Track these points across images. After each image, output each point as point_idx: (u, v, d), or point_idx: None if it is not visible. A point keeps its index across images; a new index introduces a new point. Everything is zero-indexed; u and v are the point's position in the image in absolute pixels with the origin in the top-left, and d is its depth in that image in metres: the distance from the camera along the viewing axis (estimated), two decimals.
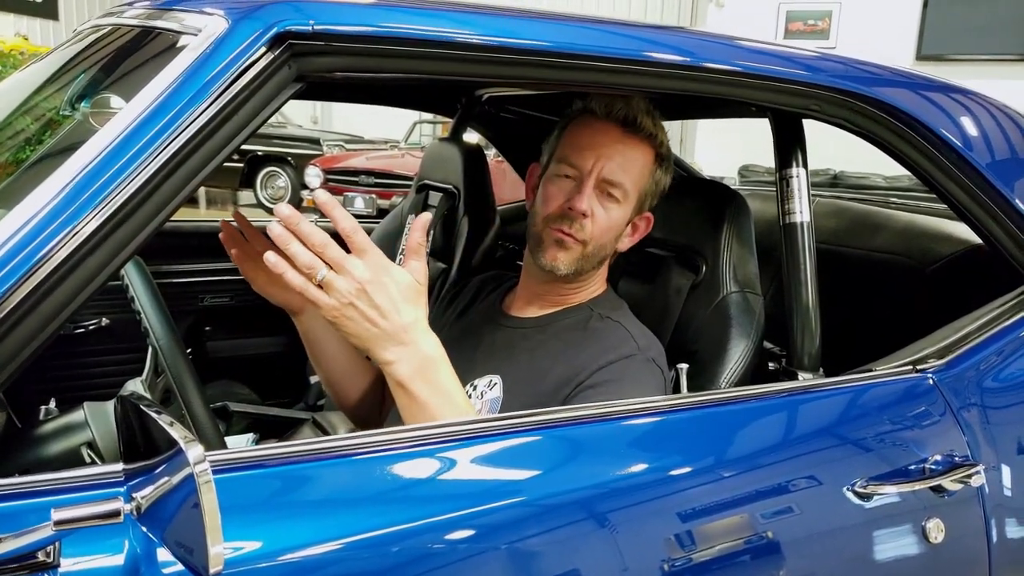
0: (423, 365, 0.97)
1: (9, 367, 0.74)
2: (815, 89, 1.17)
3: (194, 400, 1.07)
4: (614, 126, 1.19)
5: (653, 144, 1.21)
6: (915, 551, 1.12)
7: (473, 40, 0.95)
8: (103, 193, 0.77)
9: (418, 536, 0.84)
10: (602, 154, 1.18)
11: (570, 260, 1.19)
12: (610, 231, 1.20)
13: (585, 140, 1.20)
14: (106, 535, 0.72)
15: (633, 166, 1.19)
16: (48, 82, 1.24)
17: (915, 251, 1.72)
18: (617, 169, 1.18)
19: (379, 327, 0.93)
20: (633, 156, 1.19)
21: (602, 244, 1.20)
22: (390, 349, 0.94)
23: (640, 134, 1.19)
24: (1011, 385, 1.27)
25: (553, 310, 1.26)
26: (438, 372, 0.98)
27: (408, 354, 0.95)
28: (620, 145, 1.18)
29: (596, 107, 1.20)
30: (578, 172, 1.19)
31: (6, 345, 0.73)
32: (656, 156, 1.22)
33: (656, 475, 1.00)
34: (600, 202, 1.18)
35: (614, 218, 1.19)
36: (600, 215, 1.18)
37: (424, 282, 0.97)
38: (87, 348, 1.93)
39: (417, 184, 2.20)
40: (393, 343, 0.94)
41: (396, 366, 0.95)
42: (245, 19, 0.85)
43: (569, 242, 1.18)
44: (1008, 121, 1.39)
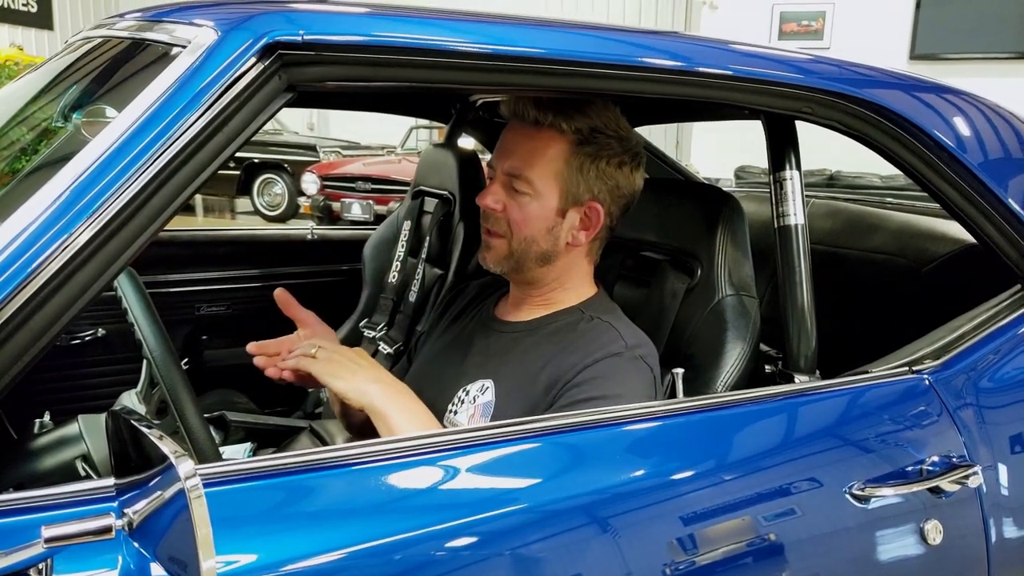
0: (397, 395, 1.12)
1: (3, 380, 0.74)
2: (807, 92, 1.17)
3: (188, 412, 1.07)
4: (517, 124, 1.22)
5: (560, 131, 1.19)
6: (914, 552, 1.12)
7: (465, 48, 0.95)
8: (96, 204, 0.77)
9: (417, 546, 0.84)
10: (505, 151, 1.22)
11: (496, 258, 1.23)
12: (529, 223, 1.20)
13: (499, 142, 1.25)
14: (98, 551, 0.72)
15: (537, 157, 1.19)
16: (40, 94, 1.24)
17: (910, 251, 1.72)
18: (519, 163, 1.20)
19: (360, 365, 1.13)
20: (535, 148, 1.19)
21: (528, 237, 1.20)
22: (368, 380, 1.11)
23: (544, 127, 1.19)
24: (1007, 385, 1.27)
25: (543, 313, 1.26)
26: (411, 400, 1.13)
27: (381, 384, 1.12)
28: (521, 138, 1.21)
29: (505, 110, 1.25)
30: (493, 171, 1.24)
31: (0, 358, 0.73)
32: (570, 144, 1.20)
33: (655, 480, 1.00)
34: (511, 196, 1.20)
35: (530, 211, 1.19)
36: (513, 209, 1.20)
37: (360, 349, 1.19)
38: (82, 359, 1.92)
39: (413, 190, 2.20)
40: (372, 377, 1.12)
41: (373, 396, 1.10)
42: (235, 30, 0.85)
43: (491, 241, 1.23)
44: (1000, 120, 1.39)
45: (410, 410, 1.11)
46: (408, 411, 1.11)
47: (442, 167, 2.08)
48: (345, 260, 2.38)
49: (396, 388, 1.14)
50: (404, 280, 2.06)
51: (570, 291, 1.26)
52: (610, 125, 1.22)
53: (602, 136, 1.21)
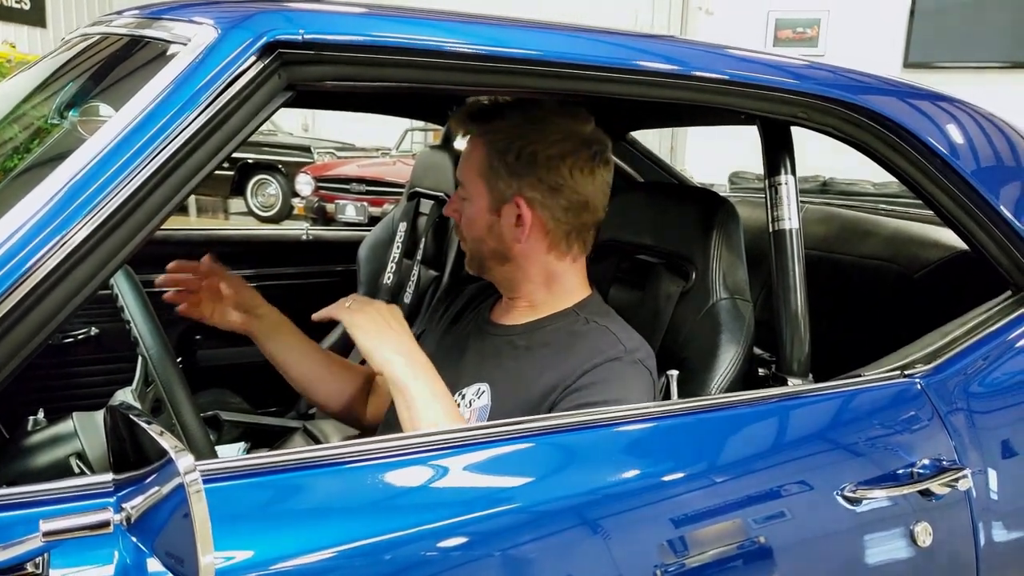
0: (420, 369, 1.11)
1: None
2: (803, 97, 1.18)
3: (184, 409, 1.07)
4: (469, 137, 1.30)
5: (479, 134, 1.26)
6: (904, 555, 1.13)
7: (463, 49, 0.96)
8: (93, 202, 0.77)
9: (410, 544, 0.85)
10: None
11: (467, 262, 1.32)
12: (471, 225, 1.26)
13: None
14: (96, 546, 0.72)
15: (466, 162, 1.27)
16: (36, 91, 1.24)
17: (903, 257, 1.73)
18: (459, 170, 1.29)
19: (391, 327, 1.13)
20: (467, 154, 1.27)
21: (475, 237, 1.26)
22: (395, 350, 1.11)
23: (472, 134, 1.28)
24: (997, 390, 1.28)
25: (537, 316, 1.26)
26: (432, 379, 1.11)
27: (407, 357, 1.11)
28: (465, 149, 1.29)
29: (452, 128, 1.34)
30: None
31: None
32: (487, 145, 1.23)
33: (647, 481, 1.00)
34: (458, 202, 1.28)
35: (468, 214, 1.26)
36: (460, 213, 1.28)
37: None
38: (76, 358, 1.92)
39: (408, 192, 2.20)
40: (397, 344, 1.12)
41: (396, 366, 1.10)
42: (235, 28, 0.86)
43: (462, 245, 1.31)
44: (993, 129, 1.40)
45: (432, 391, 1.10)
46: (430, 392, 1.10)
47: (438, 169, 2.08)
48: (340, 261, 2.38)
49: (421, 362, 1.13)
50: (399, 282, 2.06)
51: (560, 294, 1.26)
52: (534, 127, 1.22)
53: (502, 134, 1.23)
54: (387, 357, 1.10)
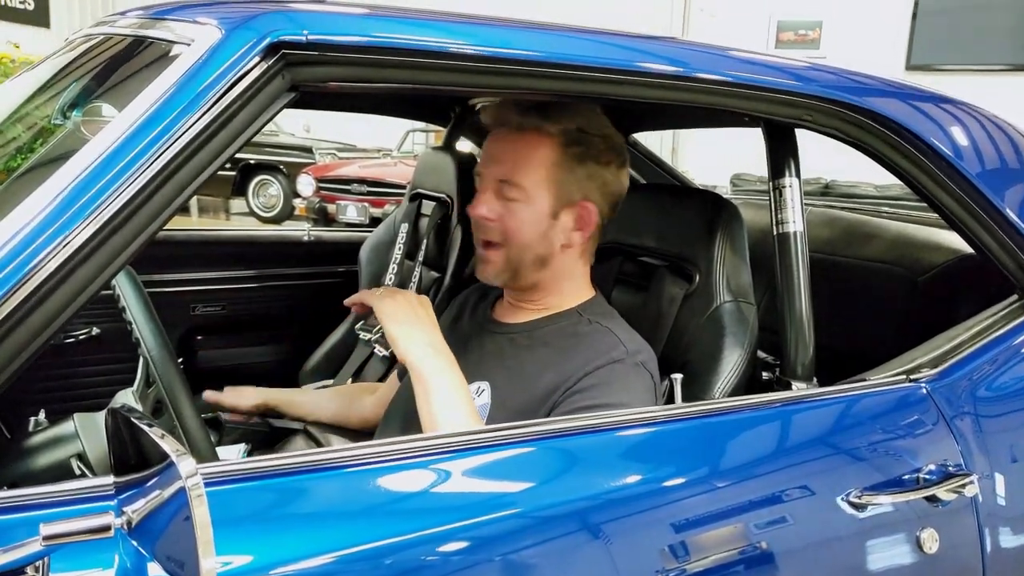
0: (445, 362, 1.11)
1: (1, 378, 0.73)
2: (807, 99, 1.18)
3: (186, 411, 1.06)
4: (503, 131, 1.22)
5: (546, 134, 1.19)
6: (910, 561, 1.12)
7: (467, 50, 0.95)
8: (95, 203, 0.77)
9: (412, 548, 0.84)
10: (493, 158, 1.21)
11: (495, 271, 1.22)
12: (523, 229, 1.19)
13: (483, 150, 1.25)
14: (96, 549, 0.71)
15: (525, 161, 1.19)
16: (40, 91, 1.23)
17: (907, 260, 1.73)
18: (508, 169, 1.19)
19: (419, 317, 1.13)
20: (523, 152, 1.19)
21: (524, 243, 1.20)
22: (421, 340, 1.11)
23: (529, 130, 1.19)
24: (1004, 394, 1.27)
25: (541, 315, 1.26)
26: (455, 375, 1.11)
27: (433, 349, 1.11)
28: (506, 145, 1.21)
29: (486, 119, 1.24)
30: (481, 181, 1.23)
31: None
32: (557, 145, 1.20)
33: (650, 486, 0.99)
34: (502, 203, 1.19)
35: (522, 216, 1.19)
36: (506, 216, 1.19)
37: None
38: (77, 358, 1.92)
39: (410, 193, 2.20)
40: (424, 334, 1.12)
41: (423, 359, 1.10)
42: (239, 29, 0.85)
43: (487, 254, 1.22)
44: (997, 131, 1.40)
45: (454, 387, 1.10)
46: (451, 387, 1.09)
47: (440, 170, 2.08)
48: (341, 262, 2.37)
49: (446, 356, 1.13)
50: (401, 283, 2.06)
51: (567, 294, 1.26)
52: (594, 124, 1.23)
53: (588, 135, 1.21)
54: (413, 347, 1.10)
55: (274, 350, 2.26)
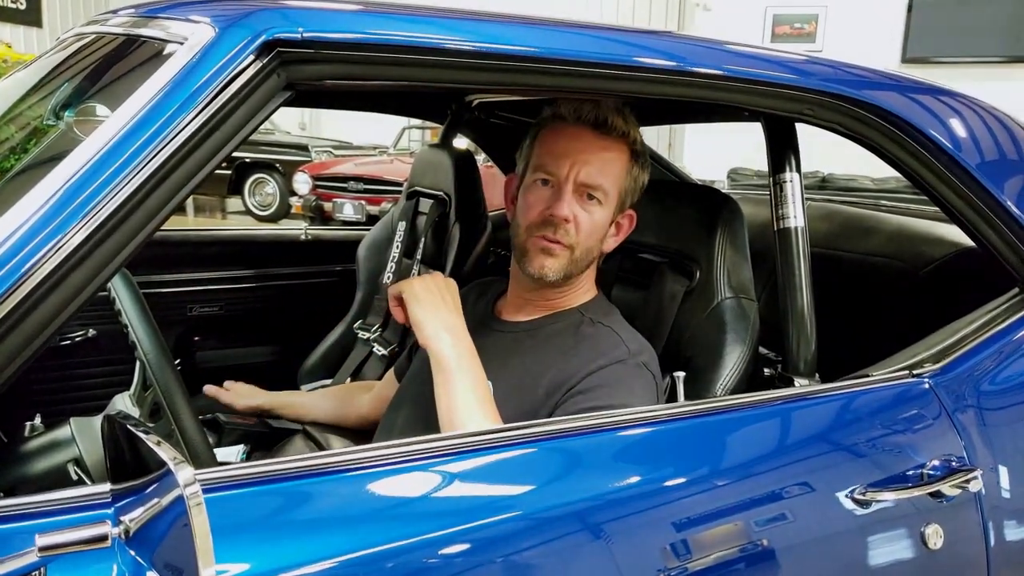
0: (464, 352, 1.10)
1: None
2: (807, 93, 1.17)
3: (183, 414, 1.05)
4: (586, 129, 1.19)
5: (627, 142, 1.21)
6: (914, 557, 1.12)
7: (463, 47, 0.95)
8: (90, 204, 0.76)
9: (413, 552, 0.83)
10: (578, 159, 1.18)
11: (559, 267, 1.19)
12: (594, 234, 1.20)
13: (560, 146, 1.20)
14: (93, 559, 0.70)
15: (610, 167, 1.19)
16: (31, 91, 1.22)
17: (907, 254, 1.72)
18: (595, 172, 1.18)
19: (445, 301, 1.13)
20: (608, 157, 1.19)
21: (589, 247, 1.21)
22: (445, 326, 1.10)
23: (613, 134, 1.19)
24: (1007, 388, 1.27)
25: (544, 314, 1.25)
26: (475, 365, 1.10)
27: (454, 337, 1.10)
28: (594, 148, 1.19)
29: (566, 112, 1.21)
30: (556, 179, 1.19)
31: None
32: (631, 154, 1.22)
33: (653, 485, 0.99)
34: (581, 206, 1.18)
35: (597, 220, 1.19)
36: (583, 219, 1.18)
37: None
38: (73, 360, 1.90)
39: (408, 191, 2.19)
40: (448, 321, 1.11)
41: (442, 343, 1.09)
42: (233, 27, 0.84)
43: (555, 248, 1.18)
44: (996, 123, 1.39)
45: (473, 378, 1.09)
46: (471, 378, 1.09)
47: (438, 168, 2.07)
48: (339, 261, 2.36)
49: (467, 345, 1.12)
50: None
51: (575, 293, 1.26)
52: (639, 132, 1.24)
53: (642, 144, 1.24)
54: (436, 333, 1.09)
55: (272, 350, 2.25)
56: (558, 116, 1.21)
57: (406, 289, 1.14)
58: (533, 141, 1.25)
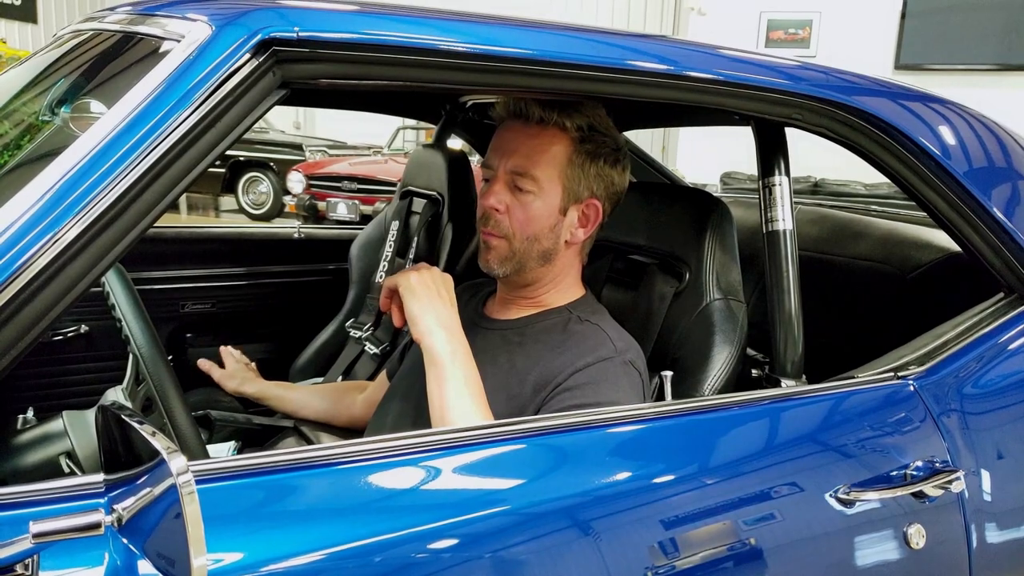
0: (458, 349, 1.10)
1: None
2: (797, 98, 1.18)
3: (176, 409, 1.06)
4: (518, 122, 1.22)
5: (563, 130, 1.20)
6: (897, 556, 1.13)
7: (457, 48, 0.95)
8: (85, 199, 0.76)
9: (401, 546, 0.84)
10: (506, 149, 1.21)
11: (499, 259, 1.21)
12: (532, 222, 1.20)
13: (495, 142, 1.24)
14: (86, 547, 0.71)
15: (540, 155, 1.19)
16: (28, 87, 1.23)
17: (896, 258, 1.74)
18: (523, 160, 1.19)
19: (441, 296, 1.12)
20: (538, 145, 1.20)
21: (530, 236, 1.20)
22: (440, 322, 1.10)
23: (544, 124, 1.20)
24: (990, 391, 1.28)
25: (531, 312, 1.26)
26: (469, 362, 1.10)
27: (449, 333, 1.10)
28: (523, 137, 1.21)
29: (499, 110, 1.24)
30: (492, 172, 1.22)
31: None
32: (572, 141, 1.21)
33: (640, 483, 1.00)
34: (514, 196, 1.20)
35: (534, 209, 1.20)
36: (516, 208, 1.20)
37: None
38: (65, 355, 1.91)
39: (401, 190, 2.19)
40: (443, 316, 1.11)
41: (437, 339, 1.09)
42: (229, 25, 0.85)
43: (492, 242, 1.21)
44: (985, 130, 1.41)
45: (466, 375, 1.09)
46: (464, 375, 1.08)
47: (431, 168, 2.08)
48: (332, 259, 2.37)
49: (462, 342, 1.12)
50: None
51: (561, 291, 1.27)
52: (602, 123, 1.24)
53: (598, 134, 1.23)
54: (431, 328, 1.09)
55: (264, 347, 2.26)
56: (499, 116, 1.26)
57: (402, 282, 1.13)
58: None
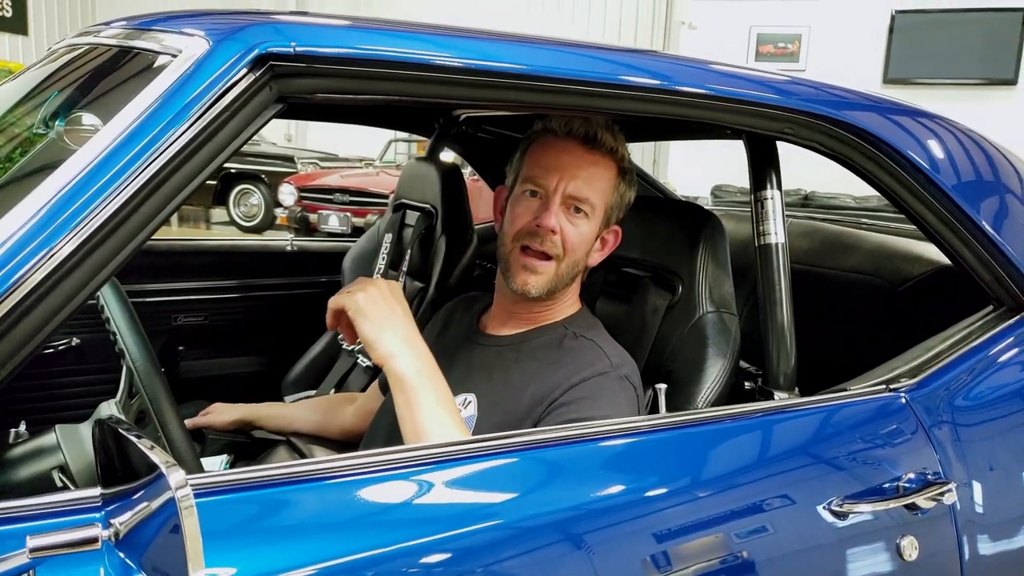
0: (424, 365, 1.05)
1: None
2: (788, 113, 1.19)
3: (171, 422, 1.06)
4: (575, 143, 1.22)
5: (615, 158, 1.23)
6: (890, 569, 1.13)
7: (452, 63, 0.96)
8: (80, 215, 0.77)
9: (394, 560, 0.84)
10: (566, 172, 1.20)
11: (543, 282, 1.21)
12: (581, 247, 1.22)
13: (549, 159, 1.22)
14: (82, 562, 0.71)
15: (597, 181, 1.21)
16: (22, 101, 1.22)
17: (886, 271, 1.75)
18: (582, 185, 1.20)
19: (395, 314, 1.06)
20: (596, 172, 1.21)
21: (575, 261, 1.22)
22: (400, 340, 1.05)
23: (601, 149, 1.22)
24: (981, 403, 1.29)
25: (527, 328, 1.27)
26: (436, 376, 1.06)
27: (412, 352, 1.05)
28: (583, 162, 1.21)
29: (556, 126, 1.23)
30: (544, 190, 1.21)
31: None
32: (619, 170, 1.24)
33: (633, 496, 1.00)
34: (568, 218, 1.20)
35: (583, 233, 1.21)
36: (569, 231, 1.20)
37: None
38: (57, 368, 1.90)
39: (394, 203, 2.20)
40: (402, 333, 1.05)
41: (401, 360, 1.04)
42: (226, 40, 0.85)
43: (539, 264, 1.20)
44: (973, 145, 1.42)
45: (436, 394, 1.04)
46: (435, 393, 1.04)
47: (424, 180, 2.08)
48: (324, 272, 2.37)
49: (426, 355, 1.07)
50: None
51: (559, 308, 1.27)
52: (627, 150, 1.26)
53: (629, 162, 1.26)
54: (391, 350, 1.03)
55: (256, 360, 2.25)
56: (549, 130, 1.24)
57: (348, 304, 1.05)
58: (523, 154, 1.27)
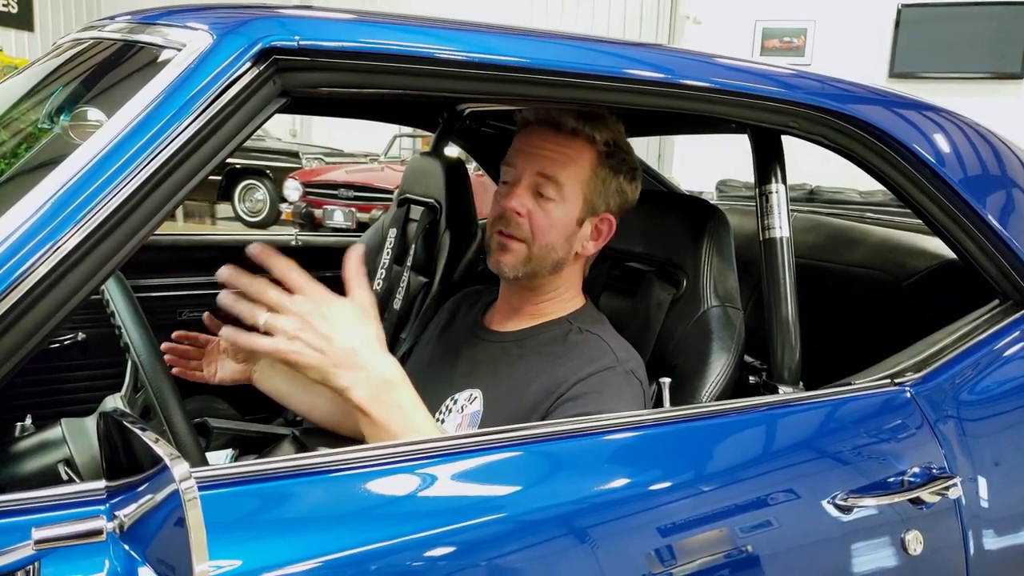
0: (380, 387, 0.96)
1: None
2: (792, 106, 1.19)
3: (176, 416, 1.06)
4: (546, 128, 1.22)
5: (591, 143, 1.21)
6: (895, 563, 1.13)
7: (455, 56, 0.96)
8: (85, 208, 0.77)
9: (399, 553, 0.84)
10: (534, 153, 1.21)
11: (515, 262, 1.20)
12: (552, 230, 1.20)
13: (519, 144, 1.24)
14: (87, 554, 0.71)
15: (568, 163, 1.20)
16: (27, 96, 1.23)
17: (891, 265, 1.75)
18: (549, 165, 1.19)
19: (327, 354, 0.92)
20: (567, 154, 1.20)
21: (548, 244, 1.20)
22: (344, 375, 0.94)
23: (574, 134, 1.21)
24: (986, 398, 1.29)
25: (532, 323, 1.26)
26: (395, 392, 0.98)
27: (362, 378, 0.95)
28: (551, 144, 1.21)
29: (529, 115, 1.24)
30: (514, 175, 1.22)
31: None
32: (598, 155, 1.22)
33: (638, 490, 1.00)
34: (537, 202, 1.20)
35: (555, 216, 1.20)
36: (538, 213, 1.19)
37: (368, 307, 0.97)
38: (63, 363, 1.90)
39: (398, 198, 2.20)
40: (346, 368, 0.93)
41: (353, 391, 0.95)
42: (230, 34, 0.85)
43: (510, 244, 1.20)
44: (979, 138, 1.42)
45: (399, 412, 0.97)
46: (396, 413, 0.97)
47: (429, 175, 2.08)
48: (329, 267, 2.36)
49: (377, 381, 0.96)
50: (389, 288, 2.06)
51: (562, 302, 1.27)
52: (623, 141, 1.25)
53: (620, 151, 1.24)
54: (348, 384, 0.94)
55: None
56: (525, 120, 1.25)
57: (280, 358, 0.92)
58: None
